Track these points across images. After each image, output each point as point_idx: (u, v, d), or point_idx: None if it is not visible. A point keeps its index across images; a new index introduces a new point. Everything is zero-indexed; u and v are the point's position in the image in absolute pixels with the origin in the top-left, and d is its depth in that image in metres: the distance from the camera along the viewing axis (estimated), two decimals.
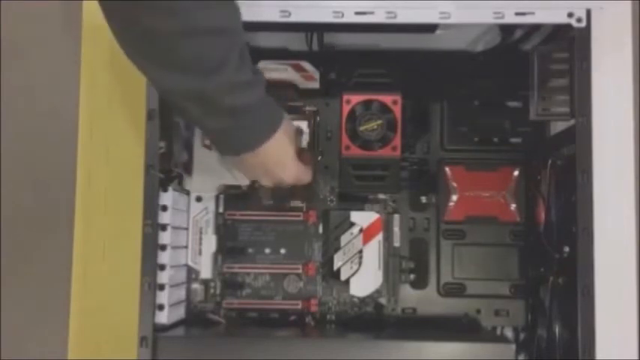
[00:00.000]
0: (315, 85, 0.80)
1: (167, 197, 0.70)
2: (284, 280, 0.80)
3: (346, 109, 0.77)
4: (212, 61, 0.57)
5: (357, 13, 0.67)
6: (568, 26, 0.67)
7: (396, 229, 0.81)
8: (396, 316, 0.80)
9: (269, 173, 0.71)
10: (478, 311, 0.80)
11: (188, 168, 0.77)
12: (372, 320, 0.80)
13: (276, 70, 0.78)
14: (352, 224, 0.79)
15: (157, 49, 0.56)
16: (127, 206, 0.85)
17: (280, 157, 0.70)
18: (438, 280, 0.81)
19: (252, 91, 0.62)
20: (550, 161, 0.73)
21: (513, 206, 0.80)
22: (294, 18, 0.67)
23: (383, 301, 0.80)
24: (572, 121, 0.67)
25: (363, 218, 0.79)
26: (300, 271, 0.80)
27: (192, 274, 0.79)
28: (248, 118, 0.63)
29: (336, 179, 0.80)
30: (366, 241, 0.78)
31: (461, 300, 0.80)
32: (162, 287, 0.68)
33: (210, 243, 0.79)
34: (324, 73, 0.81)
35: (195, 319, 0.78)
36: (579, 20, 0.67)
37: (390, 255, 0.81)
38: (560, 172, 0.72)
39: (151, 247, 0.67)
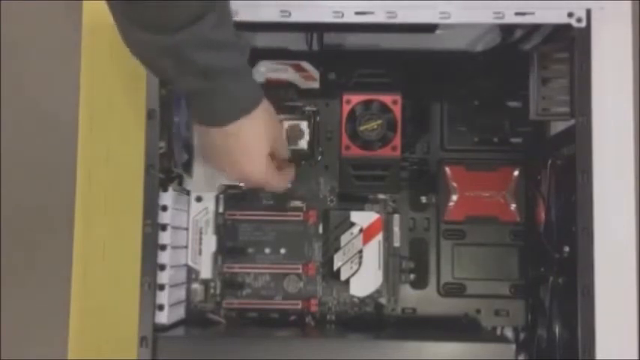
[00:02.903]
0: (315, 85, 0.80)
1: (167, 197, 0.70)
2: (284, 280, 0.80)
3: (346, 109, 0.77)
4: (187, 14, 0.54)
5: (357, 13, 0.67)
6: (568, 26, 0.67)
7: (396, 229, 0.81)
8: (396, 316, 0.80)
9: (234, 164, 0.65)
10: (478, 311, 0.80)
11: (188, 168, 0.77)
12: (372, 320, 0.80)
13: (276, 70, 0.78)
14: (352, 224, 0.79)
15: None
16: (127, 206, 0.84)
17: (250, 146, 0.64)
18: (438, 280, 0.81)
19: (230, 53, 0.58)
20: (550, 161, 0.73)
21: (513, 206, 0.79)
22: (294, 18, 0.67)
23: (383, 301, 0.80)
24: (572, 121, 0.67)
25: (363, 218, 0.79)
26: (300, 271, 0.80)
27: (192, 274, 0.79)
28: (223, 83, 0.58)
29: (336, 179, 0.80)
30: (366, 241, 0.78)
31: (461, 300, 0.80)
32: (162, 287, 0.68)
33: (210, 243, 0.79)
34: (324, 73, 0.81)
35: (195, 319, 0.78)
36: (579, 20, 0.67)
37: (390, 255, 0.80)
38: (560, 172, 0.72)
39: (151, 247, 0.67)
